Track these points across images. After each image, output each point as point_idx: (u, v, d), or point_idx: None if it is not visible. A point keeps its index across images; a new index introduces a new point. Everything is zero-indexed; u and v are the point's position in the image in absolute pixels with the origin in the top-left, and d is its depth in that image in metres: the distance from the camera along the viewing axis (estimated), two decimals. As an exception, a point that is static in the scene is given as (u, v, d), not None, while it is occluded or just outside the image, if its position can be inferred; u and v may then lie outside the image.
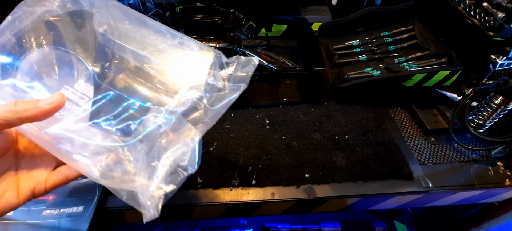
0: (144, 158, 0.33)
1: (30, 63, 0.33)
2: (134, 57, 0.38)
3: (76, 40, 0.35)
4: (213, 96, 0.38)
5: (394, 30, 0.82)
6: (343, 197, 0.59)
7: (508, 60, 0.58)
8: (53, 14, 0.34)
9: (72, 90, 0.34)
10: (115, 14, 0.37)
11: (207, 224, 1.04)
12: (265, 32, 0.90)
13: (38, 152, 0.34)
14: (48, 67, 0.34)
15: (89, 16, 0.36)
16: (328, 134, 0.69)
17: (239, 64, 0.41)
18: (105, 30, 0.37)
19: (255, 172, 0.60)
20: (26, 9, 0.33)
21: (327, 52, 0.84)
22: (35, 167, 0.33)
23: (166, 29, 0.40)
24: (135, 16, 0.39)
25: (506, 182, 0.64)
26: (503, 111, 0.61)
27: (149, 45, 0.39)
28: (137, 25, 0.39)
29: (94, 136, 0.33)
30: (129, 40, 0.38)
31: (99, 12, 0.37)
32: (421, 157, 0.67)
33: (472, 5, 0.61)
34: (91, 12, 0.36)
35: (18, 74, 0.32)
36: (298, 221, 1.03)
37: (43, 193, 0.33)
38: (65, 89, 0.34)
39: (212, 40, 0.68)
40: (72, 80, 0.34)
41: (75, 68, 0.35)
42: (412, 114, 0.76)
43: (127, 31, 0.38)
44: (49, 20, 0.34)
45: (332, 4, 0.94)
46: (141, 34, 0.39)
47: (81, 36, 0.36)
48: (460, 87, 0.69)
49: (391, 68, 0.73)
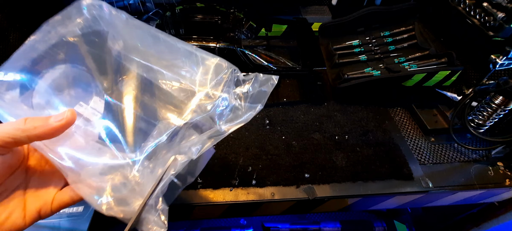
0: (149, 176, 0.32)
1: (48, 81, 0.33)
2: (146, 72, 0.37)
3: (92, 58, 0.36)
4: (224, 114, 0.37)
5: (394, 30, 0.82)
6: (343, 197, 0.59)
7: (508, 60, 0.58)
8: (73, 34, 0.35)
9: (86, 106, 0.34)
10: (131, 32, 0.38)
11: (207, 224, 1.04)
12: (265, 32, 0.89)
13: (49, 169, 0.34)
14: (64, 84, 0.34)
15: (105, 35, 0.36)
16: (328, 134, 0.69)
17: (257, 82, 0.39)
18: (120, 48, 0.37)
19: (255, 172, 0.60)
20: (48, 29, 0.34)
21: (327, 52, 0.84)
22: (44, 185, 0.32)
23: (181, 45, 0.40)
24: (150, 33, 0.39)
25: (506, 182, 0.64)
26: (503, 111, 0.61)
27: (162, 60, 0.38)
28: (151, 42, 0.38)
29: (102, 154, 0.32)
30: (142, 56, 0.38)
31: (116, 31, 0.37)
32: (421, 157, 0.67)
33: (472, 5, 0.61)
34: (107, 31, 0.36)
35: (36, 91, 0.33)
36: (298, 221, 1.03)
37: (49, 215, 0.32)
38: (80, 106, 0.34)
39: (212, 40, 0.68)
40: (87, 96, 0.35)
41: (90, 85, 0.35)
42: (412, 114, 0.76)
43: (141, 47, 0.38)
44: (68, 40, 0.35)
45: (332, 4, 0.94)
46: (155, 50, 0.38)
47: (97, 54, 0.36)
48: (460, 87, 0.69)
49: (391, 68, 0.73)
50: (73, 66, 0.35)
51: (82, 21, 0.35)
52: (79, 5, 0.35)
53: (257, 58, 0.71)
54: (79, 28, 0.35)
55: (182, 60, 0.39)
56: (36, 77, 0.33)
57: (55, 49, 0.34)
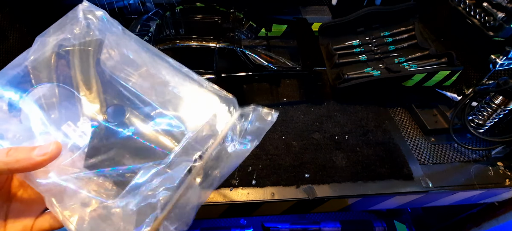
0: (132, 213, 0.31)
1: (37, 97, 0.32)
2: (138, 100, 0.36)
3: (82, 76, 0.35)
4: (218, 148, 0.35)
5: (394, 30, 0.82)
6: (343, 197, 0.59)
7: (508, 60, 0.58)
8: (66, 45, 0.34)
9: (74, 127, 0.33)
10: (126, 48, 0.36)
11: (207, 224, 1.04)
12: (265, 32, 0.89)
13: (30, 193, 0.32)
14: (53, 101, 0.33)
15: (99, 50, 0.35)
16: (328, 134, 0.69)
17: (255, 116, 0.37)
18: (113, 67, 0.36)
19: (255, 172, 0.60)
20: (42, 40, 0.33)
21: (327, 52, 0.84)
22: (25, 211, 0.31)
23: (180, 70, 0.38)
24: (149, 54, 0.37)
25: (506, 182, 0.64)
26: (503, 111, 0.61)
27: (157, 89, 0.36)
28: (149, 63, 0.37)
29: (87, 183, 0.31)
30: (136, 82, 0.36)
31: (111, 46, 0.35)
32: (421, 157, 0.67)
33: (472, 5, 0.61)
34: (102, 46, 0.35)
35: (24, 106, 0.32)
36: (298, 221, 1.03)
37: None
38: (68, 126, 0.33)
39: (212, 40, 0.68)
40: (74, 117, 0.33)
41: (78, 105, 0.34)
42: (412, 114, 0.76)
43: (136, 70, 0.36)
44: (60, 53, 0.34)
45: (332, 4, 0.94)
46: (151, 75, 0.37)
47: (88, 73, 0.35)
48: (460, 87, 0.69)
49: (391, 68, 0.73)
50: (63, 84, 0.34)
51: (78, 30, 0.34)
52: (75, 14, 0.34)
53: (257, 58, 0.71)
54: (73, 38, 0.34)
55: (179, 89, 0.37)
56: (25, 92, 0.32)
57: (46, 64, 0.33)
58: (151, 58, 0.37)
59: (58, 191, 0.30)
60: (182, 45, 0.67)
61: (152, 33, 0.71)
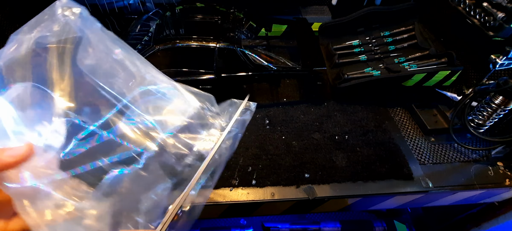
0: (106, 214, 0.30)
1: (11, 96, 0.31)
2: (115, 99, 0.35)
3: (58, 75, 0.33)
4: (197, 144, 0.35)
5: (394, 30, 0.82)
6: (343, 197, 0.59)
7: (508, 60, 0.58)
8: (43, 43, 0.33)
9: (48, 127, 0.32)
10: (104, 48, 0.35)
11: (207, 224, 1.04)
12: (265, 32, 0.89)
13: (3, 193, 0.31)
14: (26, 102, 0.32)
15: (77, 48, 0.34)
16: (328, 134, 0.69)
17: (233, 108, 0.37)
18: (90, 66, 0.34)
19: (255, 172, 0.60)
20: (16, 38, 0.32)
21: (327, 52, 0.84)
22: None
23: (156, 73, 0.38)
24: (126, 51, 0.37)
25: (506, 182, 0.64)
26: (503, 111, 0.61)
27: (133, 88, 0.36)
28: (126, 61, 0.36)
29: (60, 185, 0.30)
30: (113, 81, 0.35)
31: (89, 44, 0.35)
32: (421, 157, 0.67)
33: (472, 5, 0.61)
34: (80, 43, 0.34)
35: None
36: (298, 221, 1.03)
37: None
38: (42, 126, 0.31)
39: (212, 40, 0.68)
40: (49, 117, 0.32)
41: (53, 105, 0.33)
42: (412, 114, 0.76)
43: (113, 70, 0.36)
44: (36, 51, 0.32)
45: (332, 4, 0.94)
46: (128, 74, 0.36)
47: (64, 72, 0.34)
48: (460, 87, 0.69)
49: (391, 68, 0.73)
50: (38, 84, 0.32)
51: (57, 27, 0.33)
52: (52, 10, 0.33)
53: (257, 58, 0.71)
54: (51, 35, 0.33)
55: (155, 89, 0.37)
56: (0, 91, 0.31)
57: (21, 63, 0.32)
58: (128, 56, 0.37)
59: (30, 193, 0.29)
60: (182, 45, 0.67)
61: (152, 33, 0.70)
